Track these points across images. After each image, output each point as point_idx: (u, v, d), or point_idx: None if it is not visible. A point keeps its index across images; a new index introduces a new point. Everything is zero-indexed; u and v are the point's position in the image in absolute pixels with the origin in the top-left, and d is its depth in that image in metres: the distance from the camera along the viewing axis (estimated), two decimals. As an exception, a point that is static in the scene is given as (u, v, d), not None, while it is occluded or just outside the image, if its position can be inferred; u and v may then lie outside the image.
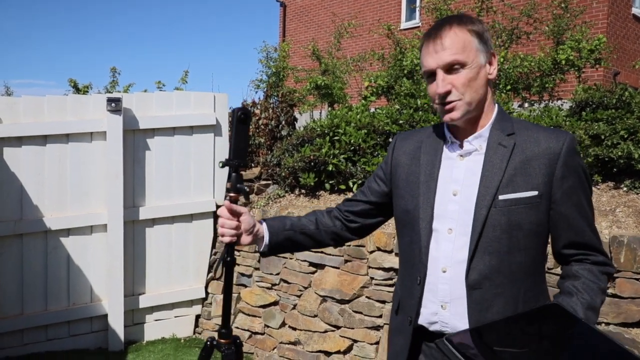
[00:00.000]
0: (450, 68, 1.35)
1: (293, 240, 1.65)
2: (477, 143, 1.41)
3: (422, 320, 1.45)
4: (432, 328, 1.43)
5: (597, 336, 1.12)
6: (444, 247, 1.40)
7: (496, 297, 1.35)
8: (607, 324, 2.81)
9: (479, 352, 1.15)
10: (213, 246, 4.87)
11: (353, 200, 1.70)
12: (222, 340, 1.62)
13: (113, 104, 4.34)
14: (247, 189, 1.59)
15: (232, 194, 1.55)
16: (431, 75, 1.39)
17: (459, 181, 1.41)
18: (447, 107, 1.36)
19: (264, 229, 1.60)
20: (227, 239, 1.52)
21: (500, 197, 1.34)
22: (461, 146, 1.43)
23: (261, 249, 1.62)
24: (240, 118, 1.55)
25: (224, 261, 1.59)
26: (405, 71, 4.95)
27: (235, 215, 1.52)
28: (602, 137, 3.41)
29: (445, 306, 1.40)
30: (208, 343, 1.65)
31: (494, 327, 1.24)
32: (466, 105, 1.36)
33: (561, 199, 1.36)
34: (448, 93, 1.35)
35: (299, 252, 4.07)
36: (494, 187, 1.35)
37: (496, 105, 1.46)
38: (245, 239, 1.56)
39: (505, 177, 1.35)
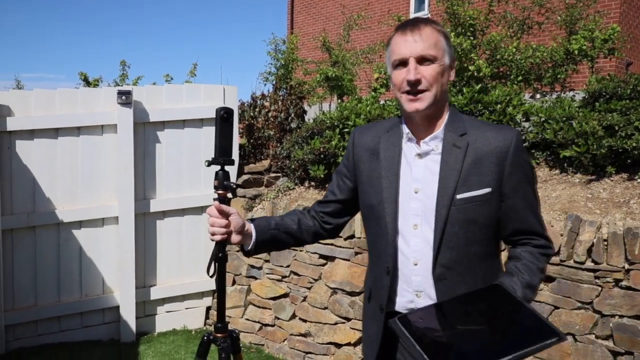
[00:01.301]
0: (422, 60, 1.44)
1: (277, 239, 1.71)
2: (433, 144, 1.51)
3: (399, 308, 1.57)
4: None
5: (527, 312, 1.30)
6: (412, 243, 1.52)
7: (459, 285, 1.48)
8: (621, 316, 2.80)
9: (425, 329, 1.32)
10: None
11: (325, 202, 1.77)
12: (218, 335, 1.67)
13: (124, 97, 4.36)
14: (234, 186, 1.62)
15: (220, 192, 1.59)
16: (401, 64, 1.47)
17: (419, 180, 1.51)
18: (415, 96, 1.45)
19: (252, 228, 1.67)
20: (217, 238, 1.59)
21: (458, 197, 1.45)
22: (418, 144, 1.53)
23: (248, 247, 1.68)
24: (223, 117, 1.60)
25: (216, 258, 1.63)
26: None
27: (225, 214, 1.59)
28: (616, 128, 3.37)
29: (420, 295, 1.53)
30: (205, 338, 1.70)
31: (441, 306, 1.42)
32: (432, 98, 1.45)
33: (510, 192, 1.48)
34: (418, 82, 1.43)
35: (310, 246, 4.07)
36: (452, 188, 1.46)
37: (449, 106, 1.56)
38: (235, 237, 1.62)
39: (461, 178, 1.46)
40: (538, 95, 4.81)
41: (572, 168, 3.62)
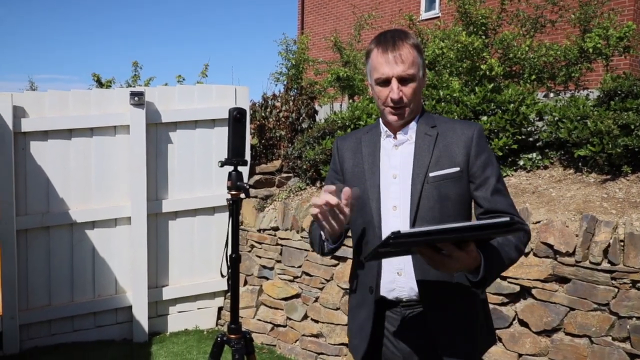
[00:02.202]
0: (403, 80, 1.62)
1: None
2: (408, 134, 1.70)
3: (383, 290, 1.66)
4: (390, 296, 1.66)
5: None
6: (392, 222, 1.65)
7: None
8: (639, 318, 2.76)
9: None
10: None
11: None
12: (231, 336, 1.66)
13: (136, 98, 4.38)
14: (247, 186, 1.62)
15: (233, 192, 1.59)
16: (384, 83, 1.64)
17: (396, 167, 1.68)
18: (398, 111, 1.64)
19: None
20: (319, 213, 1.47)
21: (431, 175, 1.63)
22: (395, 138, 1.71)
23: (336, 244, 1.62)
24: (236, 117, 1.62)
25: (229, 258, 1.62)
26: (427, 62, 4.88)
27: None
28: (632, 126, 3.32)
29: (401, 272, 1.65)
30: (218, 339, 1.69)
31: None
32: (410, 111, 1.67)
33: (477, 172, 1.65)
34: (401, 99, 1.63)
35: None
36: (425, 167, 1.64)
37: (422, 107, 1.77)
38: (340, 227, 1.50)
39: (433, 159, 1.64)
40: (552, 94, 4.75)
41: (587, 167, 3.57)
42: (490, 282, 1.51)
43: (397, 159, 1.69)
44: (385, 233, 1.64)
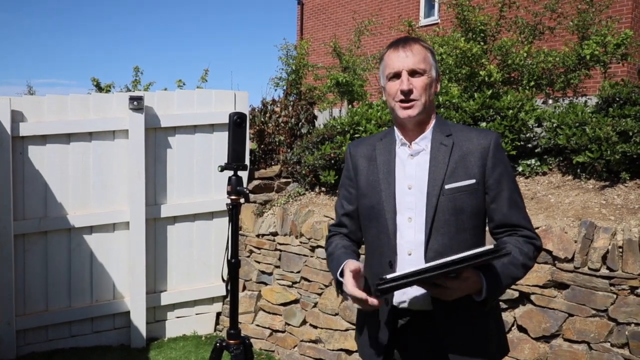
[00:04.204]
0: (413, 73, 1.63)
1: None
2: (423, 144, 1.69)
3: (394, 301, 1.67)
4: (401, 306, 1.67)
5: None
6: (406, 234, 1.65)
7: None
8: (637, 324, 2.75)
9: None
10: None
11: (342, 222, 1.85)
12: (231, 341, 1.66)
13: (135, 102, 4.38)
14: (247, 191, 1.63)
15: (233, 197, 1.59)
16: (395, 77, 1.65)
17: (412, 177, 1.67)
18: (408, 104, 1.63)
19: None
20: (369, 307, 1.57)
21: (446, 187, 1.61)
22: (409, 147, 1.70)
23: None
24: (237, 122, 1.62)
25: (228, 263, 1.62)
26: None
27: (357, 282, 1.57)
28: (630, 133, 3.33)
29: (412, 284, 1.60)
30: (217, 344, 1.68)
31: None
32: (422, 106, 1.64)
33: (493, 184, 1.64)
34: (410, 91, 1.62)
35: (321, 252, 4.06)
36: (441, 179, 1.62)
37: (435, 113, 1.76)
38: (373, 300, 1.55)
39: (449, 170, 1.63)
40: (550, 101, 4.77)
41: (586, 174, 3.58)
42: (493, 301, 1.58)
43: (412, 168, 1.68)
44: (400, 244, 1.65)
